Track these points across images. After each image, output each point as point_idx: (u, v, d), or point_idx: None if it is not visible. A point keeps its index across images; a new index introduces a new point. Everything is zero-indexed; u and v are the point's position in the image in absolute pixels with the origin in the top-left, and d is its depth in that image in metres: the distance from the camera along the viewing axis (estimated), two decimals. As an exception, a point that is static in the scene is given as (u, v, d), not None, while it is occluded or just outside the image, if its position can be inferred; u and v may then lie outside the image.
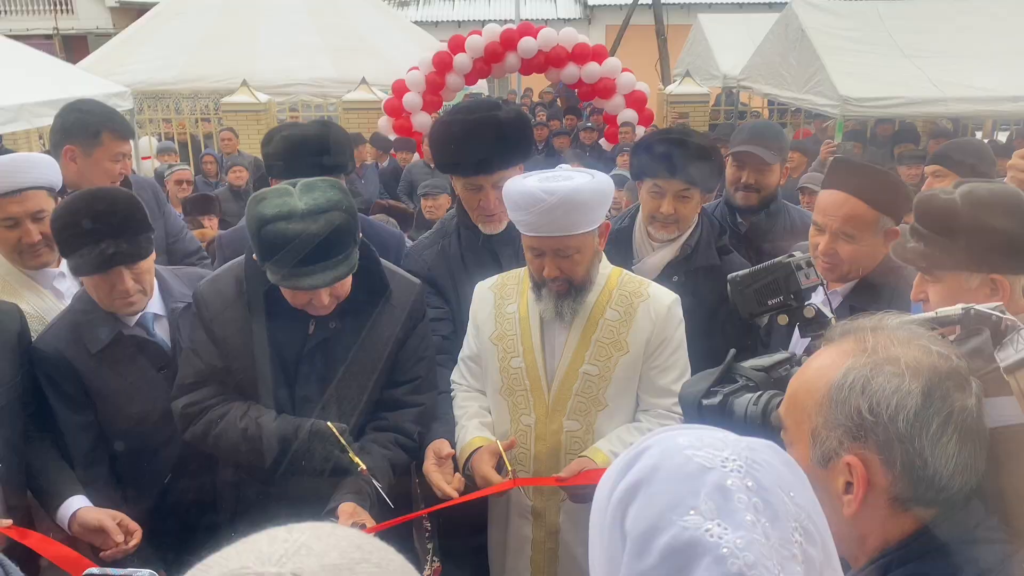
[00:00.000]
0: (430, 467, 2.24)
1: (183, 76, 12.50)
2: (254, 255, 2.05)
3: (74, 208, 2.21)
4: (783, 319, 1.81)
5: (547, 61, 11.63)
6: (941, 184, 3.36)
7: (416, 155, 9.60)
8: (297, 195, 1.98)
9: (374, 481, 2.12)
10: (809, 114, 11.12)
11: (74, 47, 25.84)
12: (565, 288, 2.22)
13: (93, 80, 8.60)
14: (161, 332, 2.42)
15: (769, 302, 1.81)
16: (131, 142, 3.19)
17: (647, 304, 2.27)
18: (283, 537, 0.67)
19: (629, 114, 11.47)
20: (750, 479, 0.85)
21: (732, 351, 1.58)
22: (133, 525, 2.21)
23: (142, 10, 19.22)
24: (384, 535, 0.73)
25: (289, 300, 2.12)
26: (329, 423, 2.12)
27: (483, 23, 12.94)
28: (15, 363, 2.25)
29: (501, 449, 2.23)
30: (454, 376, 2.50)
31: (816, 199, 2.43)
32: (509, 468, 2.21)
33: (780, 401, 1.32)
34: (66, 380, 2.29)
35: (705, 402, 1.48)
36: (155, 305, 2.41)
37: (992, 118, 10.07)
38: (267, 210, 1.96)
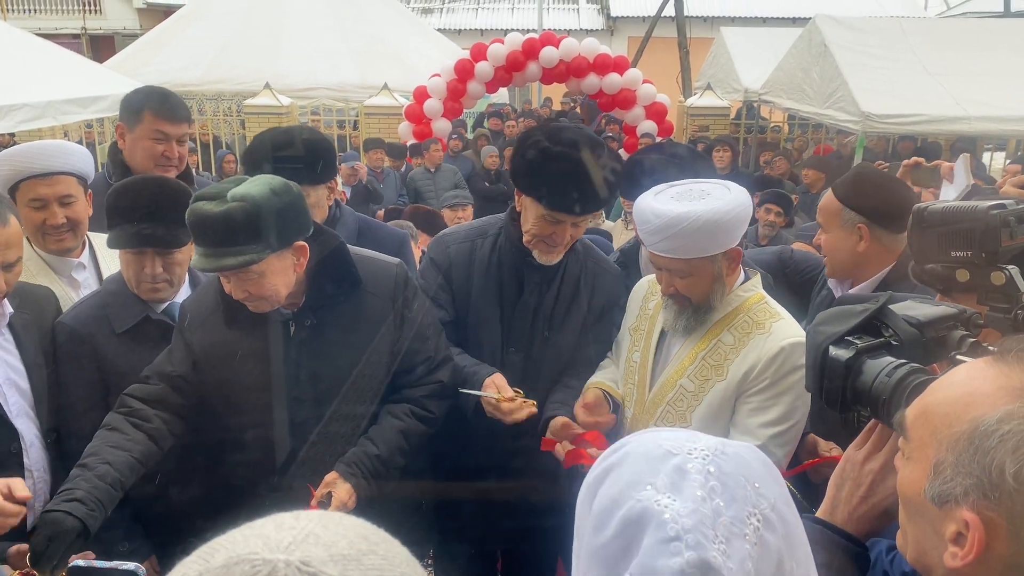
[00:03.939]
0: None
1: (207, 77, 12.65)
2: None
3: (127, 186, 2.31)
4: (963, 275, 1.48)
5: (568, 71, 11.65)
6: None
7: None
8: (236, 184, 1.99)
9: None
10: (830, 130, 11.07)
11: (101, 47, 26.17)
12: (685, 304, 2.16)
13: (119, 79, 8.69)
14: None
15: (953, 253, 1.47)
16: (181, 125, 3.02)
17: (763, 337, 2.11)
18: (290, 524, 0.66)
19: (649, 125, 11.46)
20: (712, 466, 0.88)
21: (888, 293, 1.31)
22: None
23: (168, 11, 19.51)
24: (394, 531, 0.72)
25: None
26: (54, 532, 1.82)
27: (506, 32, 12.99)
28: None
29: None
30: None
31: None
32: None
33: (920, 383, 1.10)
34: (84, 357, 2.30)
35: (832, 351, 1.23)
36: (183, 298, 2.42)
37: (1016, 137, 9.94)
38: (203, 191, 2.00)
